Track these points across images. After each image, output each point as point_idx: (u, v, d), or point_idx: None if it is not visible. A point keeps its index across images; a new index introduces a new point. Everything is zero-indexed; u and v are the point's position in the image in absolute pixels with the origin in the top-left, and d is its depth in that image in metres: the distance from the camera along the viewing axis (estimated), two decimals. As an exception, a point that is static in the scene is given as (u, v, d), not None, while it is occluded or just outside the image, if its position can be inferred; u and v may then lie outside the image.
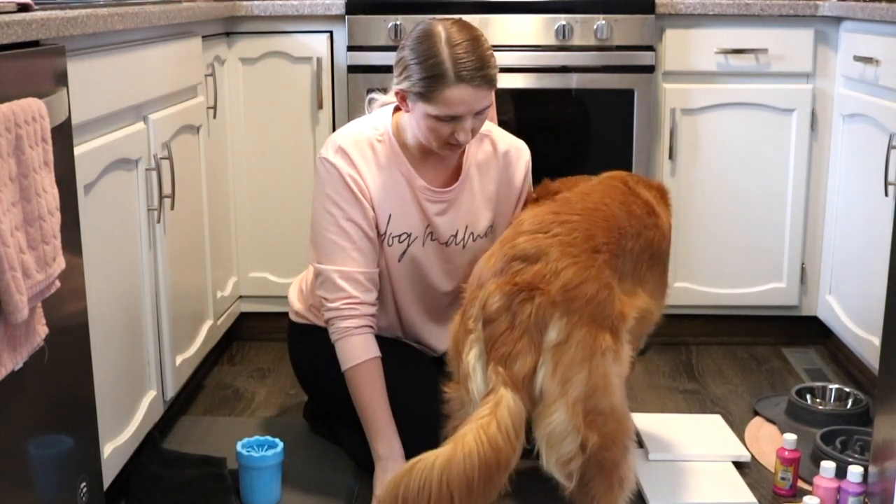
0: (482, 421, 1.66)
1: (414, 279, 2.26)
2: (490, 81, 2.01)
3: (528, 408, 1.70)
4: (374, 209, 2.17)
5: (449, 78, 1.97)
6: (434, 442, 2.07)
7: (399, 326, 2.33)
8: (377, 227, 2.18)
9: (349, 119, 2.70)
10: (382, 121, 2.20)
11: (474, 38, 2.02)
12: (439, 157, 2.20)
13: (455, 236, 2.24)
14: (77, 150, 1.79)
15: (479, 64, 1.99)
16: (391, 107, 2.23)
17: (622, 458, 1.78)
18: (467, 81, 1.97)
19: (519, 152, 2.28)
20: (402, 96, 2.08)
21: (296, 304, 2.39)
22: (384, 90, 2.28)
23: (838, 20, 2.86)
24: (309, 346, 2.34)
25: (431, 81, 1.99)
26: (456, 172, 2.23)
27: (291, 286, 2.45)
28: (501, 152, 2.26)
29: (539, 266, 1.72)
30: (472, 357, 1.74)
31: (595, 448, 1.71)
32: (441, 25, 2.03)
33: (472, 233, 2.24)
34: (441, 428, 1.90)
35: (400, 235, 2.20)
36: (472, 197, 2.23)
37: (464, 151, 2.22)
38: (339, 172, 2.15)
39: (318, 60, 2.92)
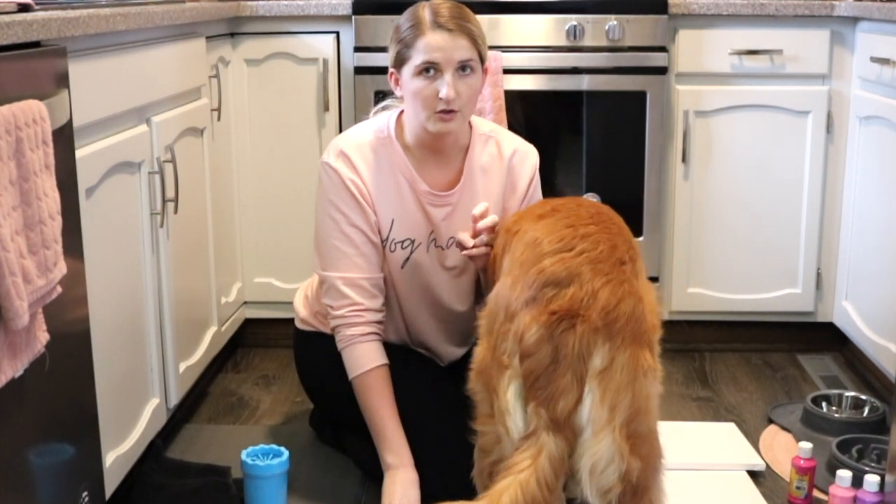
0: (521, 476, 1.60)
1: (418, 288, 2.23)
2: (466, 31, 2.07)
3: (570, 444, 1.65)
4: (375, 213, 2.15)
5: (426, 25, 2.07)
6: (443, 450, 2.05)
7: (406, 334, 2.31)
8: (379, 231, 2.16)
9: (356, 121, 2.68)
10: (385, 123, 2.20)
11: (457, 5, 2.12)
12: (441, 157, 2.18)
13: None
14: (78, 153, 1.78)
15: (456, 14, 2.08)
16: (395, 110, 2.22)
17: (653, 481, 1.73)
18: (443, 26, 2.06)
19: (525, 155, 2.25)
20: (395, 76, 2.13)
21: (301, 310, 2.37)
22: (389, 93, 2.27)
23: (854, 20, 2.84)
24: (315, 353, 2.32)
25: (410, 31, 2.08)
26: (458, 175, 2.20)
27: (297, 292, 2.44)
28: (506, 155, 2.23)
29: (573, 290, 1.64)
30: (510, 394, 1.67)
31: (633, 470, 1.66)
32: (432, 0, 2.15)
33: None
34: (454, 441, 1.89)
35: (403, 241, 2.18)
36: (476, 199, 2.20)
37: (466, 152, 2.20)
38: (340, 177, 2.14)
39: (325, 61, 2.91)
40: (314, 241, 2.22)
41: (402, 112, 2.19)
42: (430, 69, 2.05)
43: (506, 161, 2.23)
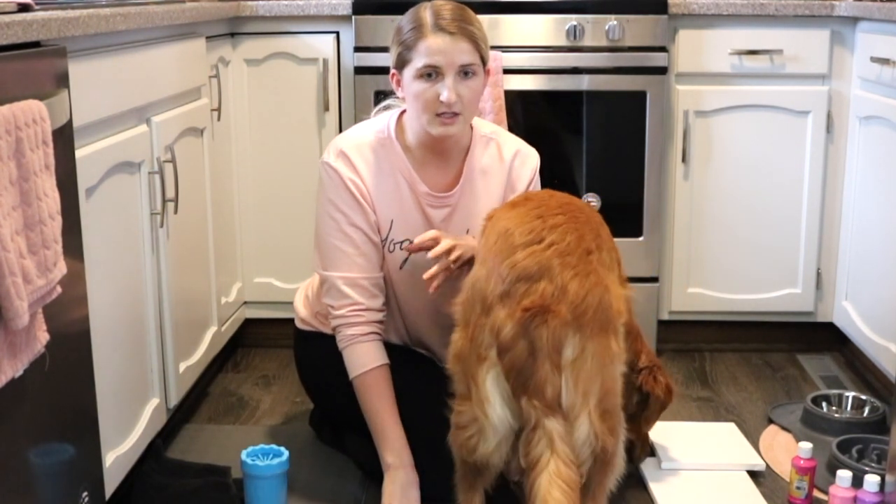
0: (551, 468, 1.69)
1: (417, 288, 2.23)
2: (468, 35, 2.07)
3: (567, 421, 1.75)
4: (375, 213, 2.15)
5: (427, 28, 2.06)
6: (444, 451, 2.05)
7: (406, 333, 2.31)
8: (378, 231, 2.16)
9: (356, 121, 2.68)
10: (386, 123, 2.19)
11: (459, 6, 2.12)
12: (441, 158, 2.18)
13: None
14: (78, 153, 1.78)
15: (457, 16, 2.08)
16: (396, 110, 2.22)
17: (617, 448, 1.84)
18: (444, 29, 2.05)
19: (526, 157, 2.25)
20: (397, 77, 2.13)
21: (301, 310, 2.37)
22: (389, 93, 2.27)
23: (854, 20, 2.84)
24: (315, 353, 2.32)
25: (412, 34, 2.07)
26: (458, 176, 2.20)
27: (297, 292, 2.44)
28: (507, 157, 2.23)
29: (544, 284, 1.73)
30: (489, 383, 1.77)
31: (607, 445, 1.78)
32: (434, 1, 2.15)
33: (473, 237, 2.21)
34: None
35: (402, 242, 2.19)
36: (475, 201, 2.21)
37: (467, 154, 2.19)
38: (340, 177, 2.14)
39: (325, 61, 2.90)
40: (314, 240, 2.22)
41: (403, 112, 2.19)
42: (431, 72, 2.05)
43: (507, 163, 2.23)
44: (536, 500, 1.70)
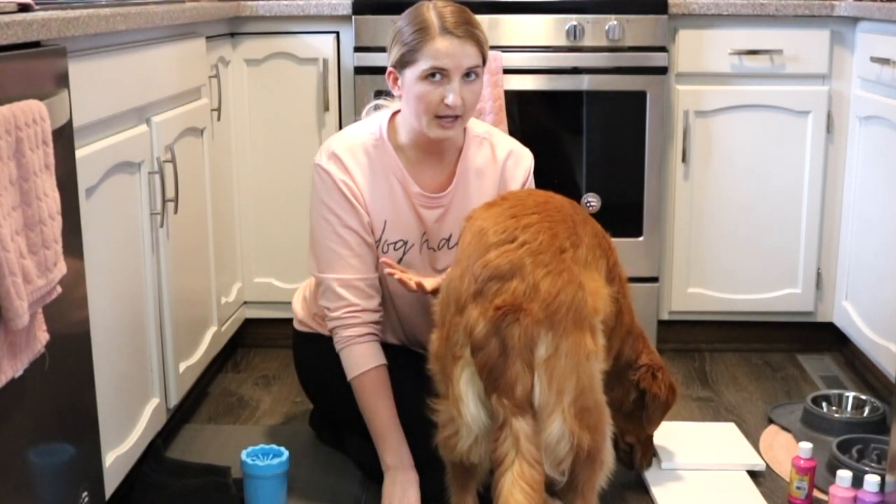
0: (515, 469, 1.71)
1: (412, 288, 2.23)
2: (475, 38, 2.07)
3: (536, 420, 1.76)
4: (368, 214, 2.15)
5: (434, 30, 2.05)
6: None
7: (403, 333, 2.31)
8: (372, 232, 2.16)
9: (356, 122, 2.68)
10: (378, 124, 2.20)
11: (461, 8, 2.12)
12: (435, 158, 2.18)
13: (448, 240, 2.21)
14: (78, 153, 1.78)
15: (463, 19, 2.08)
16: (388, 111, 2.22)
17: (602, 444, 1.84)
18: (451, 32, 2.05)
19: (519, 158, 2.25)
20: (394, 76, 2.12)
21: (299, 312, 2.38)
22: (388, 93, 2.27)
23: (854, 20, 2.84)
24: (313, 354, 2.32)
25: (418, 35, 2.06)
26: (451, 176, 2.20)
27: (295, 294, 2.44)
28: (501, 157, 2.23)
29: (516, 283, 1.75)
30: (463, 382, 1.79)
31: (584, 443, 1.79)
32: (434, 1, 2.14)
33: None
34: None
35: (396, 243, 2.19)
36: (469, 202, 2.20)
37: (460, 154, 2.19)
38: (332, 179, 2.14)
39: (325, 61, 2.90)
40: (309, 243, 2.22)
41: (395, 113, 2.19)
42: (436, 74, 2.04)
43: (500, 163, 2.23)
44: (499, 501, 1.71)
